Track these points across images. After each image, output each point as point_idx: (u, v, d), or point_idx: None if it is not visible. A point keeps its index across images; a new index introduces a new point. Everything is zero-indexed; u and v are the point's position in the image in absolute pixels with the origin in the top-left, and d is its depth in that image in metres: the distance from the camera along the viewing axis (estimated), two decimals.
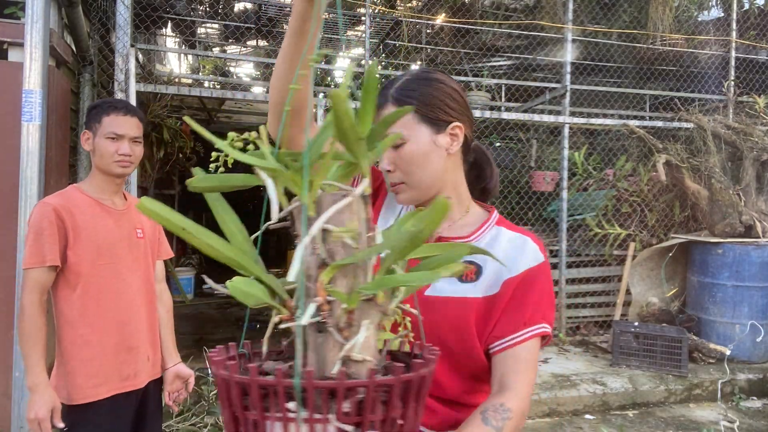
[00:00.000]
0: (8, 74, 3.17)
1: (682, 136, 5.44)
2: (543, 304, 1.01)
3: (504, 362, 0.97)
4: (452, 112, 1.04)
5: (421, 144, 1.02)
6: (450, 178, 1.07)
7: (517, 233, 1.07)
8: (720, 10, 6.39)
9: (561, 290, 5.18)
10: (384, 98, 1.05)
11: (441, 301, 1.01)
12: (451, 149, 1.05)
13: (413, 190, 1.05)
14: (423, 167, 1.03)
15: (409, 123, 1.02)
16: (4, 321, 3.10)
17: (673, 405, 4.01)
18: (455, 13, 6.44)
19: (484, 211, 1.13)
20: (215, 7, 6.32)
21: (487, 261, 1.02)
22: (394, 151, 1.03)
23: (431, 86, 1.04)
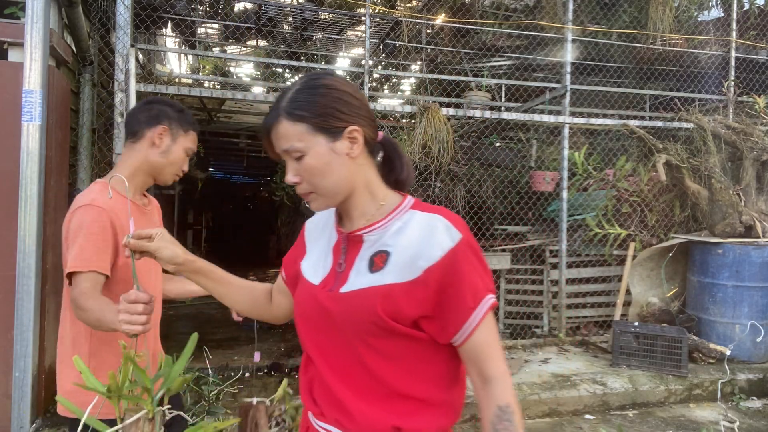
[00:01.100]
0: (8, 74, 3.17)
1: (682, 136, 5.44)
2: (476, 280, 1.03)
3: (472, 351, 1.04)
4: (346, 116, 1.05)
5: (319, 154, 1.04)
6: (360, 178, 1.09)
7: (428, 213, 1.07)
8: (720, 10, 6.38)
9: (561, 290, 5.18)
10: (276, 112, 1.05)
11: (353, 296, 1.04)
12: (352, 153, 1.06)
13: (323, 198, 1.08)
14: (326, 176, 1.05)
15: (304, 135, 1.03)
16: (4, 321, 3.10)
17: (673, 405, 4.01)
18: (455, 13, 6.44)
19: (399, 199, 1.14)
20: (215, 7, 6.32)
21: (396, 246, 1.04)
22: (298, 164, 1.05)
23: (320, 94, 1.04)
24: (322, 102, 1.04)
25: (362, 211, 1.11)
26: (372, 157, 1.13)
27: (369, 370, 1.04)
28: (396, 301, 1.01)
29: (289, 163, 1.07)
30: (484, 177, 6.04)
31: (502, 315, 5.57)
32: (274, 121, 1.05)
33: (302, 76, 1.11)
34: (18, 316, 3.01)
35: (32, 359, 3.06)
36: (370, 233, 1.09)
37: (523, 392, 3.85)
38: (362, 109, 1.08)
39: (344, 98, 1.06)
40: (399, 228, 1.07)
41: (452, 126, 4.97)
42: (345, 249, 1.11)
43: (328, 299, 1.07)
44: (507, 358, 4.51)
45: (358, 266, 1.07)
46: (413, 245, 1.03)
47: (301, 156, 1.04)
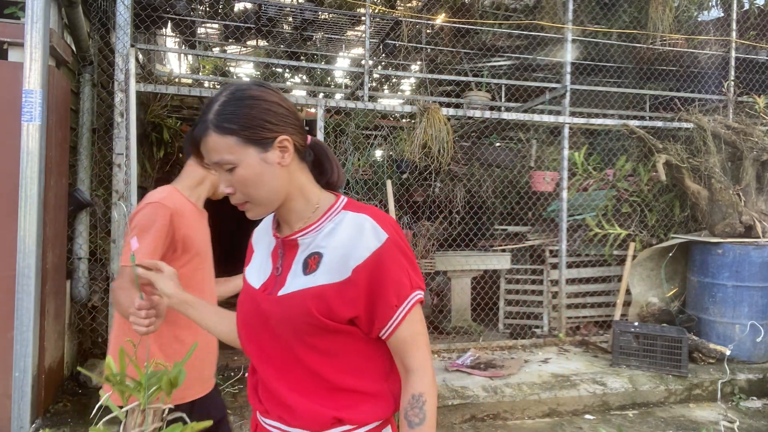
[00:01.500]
0: (8, 74, 3.17)
1: (682, 136, 5.44)
2: (402, 278, 1.07)
3: (397, 345, 1.10)
4: (275, 126, 1.06)
5: (251, 166, 1.05)
6: (294, 184, 1.12)
7: (357, 213, 1.10)
8: (720, 10, 6.38)
9: (561, 290, 5.18)
10: (204, 125, 1.06)
11: (289, 298, 1.08)
12: (284, 162, 1.08)
13: (258, 207, 1.11)
14: (259, 186, 1.07)
15: (235, 148, 1.04)
16: (4, 321, 3.10)
17: (673, 405, 4.01)
18: (455, 13, 6.44)
19: (332, 200, 1.16)
20: (215, 7, 6.32)
21: (328, 247, 1.08)
22: (230, 175, 1.06)
23: (248, 106, 1.05)
24: (250, 114, 1.05)
25: (298, 216, 1.14)
26: (304, 162, 1.15)
27: (308, 368, 1.08)
28: (328, 301, 1.05)
29: (221, 174, 1.08)
30: (484, 177, 6.04)
31: (502, 315, 5.57)
32: (203, 134, 1.06)
33: (228, 86, 1.10)
34: (18, 316, 3.01)
35: (32, 359, 3.06)
36: (304, 236, 1.12)
37: (523, 392, 3.85)
38: (290, 117, 1.09)
39: (272, 108, 1.07)
40: (331, 229, 1.10)
41: (452, 126, 4.97)
42: (282, 253, 1.15)
43: (267, 302, 1.11)
44: (507, 358, 4.51)
45: (294, 269, 1.11)
46: (343, 246, 1.06)
47: (233, 168, 1.05)
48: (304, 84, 7.67)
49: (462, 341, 4.97)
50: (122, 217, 3.85)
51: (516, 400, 3.78)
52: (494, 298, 5.47)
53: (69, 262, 3.95)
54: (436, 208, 5.94)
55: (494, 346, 4.89)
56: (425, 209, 5.90)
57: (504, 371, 4.15)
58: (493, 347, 4.87)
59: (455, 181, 6.10)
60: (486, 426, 3.65)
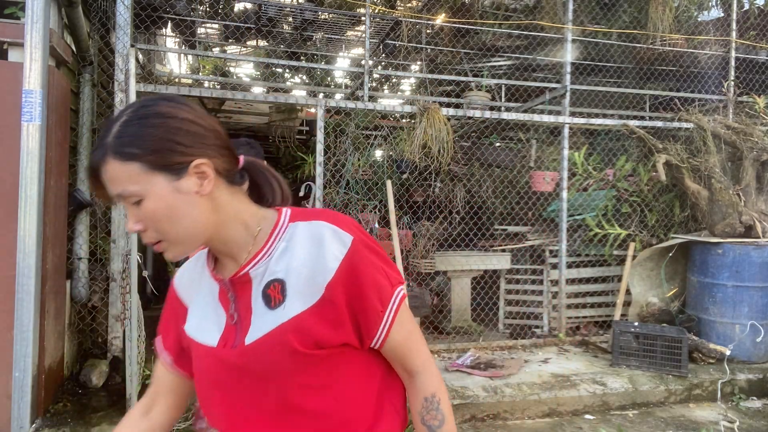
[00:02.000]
0: (8, 74, 3.17)
1: (682, 136, 5.44)
2: (380, 278, 0.95)
3: (392, 351, 1.00)
4: (189, 149, 0.88)
5: (160, 197, 0.87)
6: (225, 213, 0.95)
7: (311, 222, 0.96)
8: (720, 10, 6.38)
9: (561, 290, 5.18)
10: (102, 151, 0.87)
11: (262, 342, 0.92)
12: (203, 190, 0.90)
13: (176, 246, 0.92)
14: (174, 221, 0.89)
15: (139, 176, 0.86)
16: (4, 321, 3.10)
17: (673, 405, 4.01)
18: (455, 13, 6.44)
19: (275, 215, 1.00)
20: (215, 7, 6.32)
21: (289, 270, 0.93)
22: (138, 209, 0.88)
23: (154, 126, 0.87)
24: (156, 135, 0.86)
25: (240, 246, 0.97)
26: (236, 185, 0.98)
27: (309, 413, 0.94)
28: (310, 331, 0.91)
29: (128, 208, 0.90)
30: (484, 177, 6.04)
31: (502, 315, 5.57)
32: (100, 160, 0.87)
33: (132, 104, 0.93)
34: (18, 316, 3.01)
35: (32, 359, 3.06)
36: (256, 267, 0.95)
37: (523, 392, 3.85)
38: (210, 136, 0.92)
39: (184, 127, 0.89)
40: (284, 248, 0.95)
41: (452, 126, 4.97)
42: (233, 296, 0.97)
43: (235, 356, 0.93)
44: (507, 358, 4.51)
45: (256, 308, 0.95)
46: (306, 263, 0.92)
47: (139, 200, 0.87)
48: (304, 84, 7.67)
49: (462, 341, 4.97)
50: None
51: (516, 400, 3.78)
52: (494, 298, 5.47)
53: (69, 262, 3.96)
54: (436, 208, 5.94)
55: (494, 346, 4.89)
56: (425, 209, 5.90)
57: (504, 371, 4.15)
58: (493, 347, 4.87)
59: (455, 181, 6.10)
60: (486, 426, 3.65)
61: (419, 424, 1.01)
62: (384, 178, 4.93)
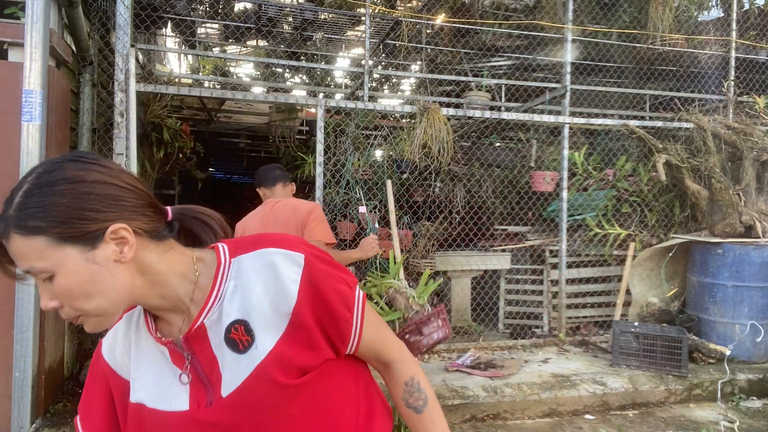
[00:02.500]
0: (8, 74, 3.17)
1: (682, 136, 5.44)
2: (339, 285, 0.94)
3: (367, 350, 1.02)
4: (103, 214, 0.80)
5: (73, 272, 0.79)
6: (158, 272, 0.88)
7: (256, 252, 0.91)
8: (720, 10, 6.38)
9: (561, 290, 5.18)
10: (4, 224, 0.78)
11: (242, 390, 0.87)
12: (125, 257, 0.82)
13: (97, 318, 0.84)
14: (91, 295, 0.81)
15: (46, 251, 0.78)
16: (4, 321, 3.10)
17: (673, 405, 4.01)
18: (455, 13, 6.44)
19: (212, 255, 0.94)
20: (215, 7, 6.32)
21: (249, 309, 0.89)
22: (51, 285, 0.80)
23: (59, 193, 0.78)
24: (62, 203, 0.78)
25: (182, 298, 0.90)
26: (163, 239, 0.89)
27: None
28: (291, 360, 0.88)
29: (40, 285, 0.81)
30: (484, 177, 6.04)
31: (502, 315, 5.57)
32: (2, 235, 0.79)
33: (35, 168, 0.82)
34: (18, 316, 3.01)
35: (32, 359, 3.06)
36: (209, 315, 0.89)
37: (523, 392, 3.85)
38: (126, 197, 0.83)
39: (96, 191, 0.80)
40: (234, 287, 0.90)
41: (452, 126, 4.97)
42: (189, 354, 0.90)
43: (215, 413, 0.87)
44: (507, 358, 4.51)
45: (222, 357, 0.89)
46: (264, 295, 0.89)
47: (51, 276, 0.79)
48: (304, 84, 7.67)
49: (462, 341, 4.97)
50: None
51: (516, 400, 3.78)
52: (494, 298, 5.47)
53: None
54: (436, 208, 5.94)
55: (494, 346, 4.89)
56: (425, 209, 5.90)
57: (504, 371, 4.15)
58: (493, 347, 4.87)
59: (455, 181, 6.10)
60: (486, 426, 3.65)
61: (404, 408, 1.05)
62: (384, 178, 4.93)
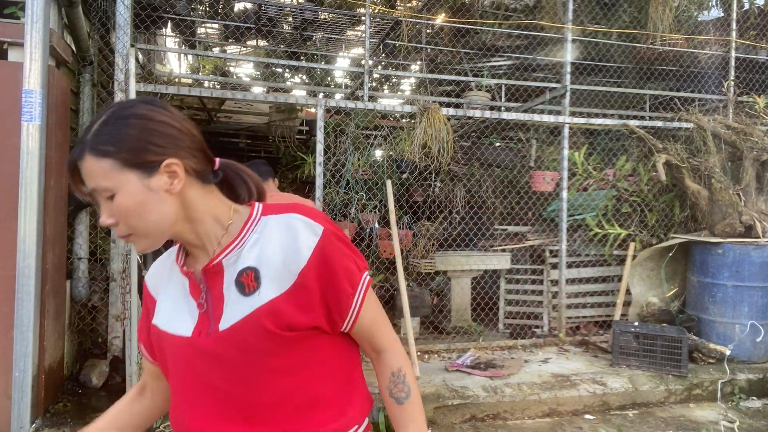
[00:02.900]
0: (8, 74, 3.17)
1: (682, 136, 5.44)
2: (349, 264, 1.02)
3: (362, 332, 1.07)
4: (162, 149, 0.94)
5: (131, 193, 0.93)
6: (197, 210, 1.00)
7: (283, 215, 1.03)
8: (720, 10, 6.38)
9: (561, 290, 5.18)
10: (81, 148, 0.94)
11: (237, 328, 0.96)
12: (173, 189, 0.96)
13: (145, 239, 0.98)
14: (143, 216, 0.95)
15: (112, 173, 0.92)
16: (4, 321, 3.10)
17: (673, 405, 4.01)
18: (455, 13, 6.44)
19: (247, 210, 1.07)
20: (215, 7, 6.32)
21: (262, 259, 0.99)
22: (111, 203, 0.94)
23: (130, 126, 0.93)
24: (132, 134, 0.93)
25: (212, 238, 1.02)
26: (208, 183, 1.03)
27: (280, 395, 0.99)
28: (284, 314, 0.96)
29: (101, 203, 0.95)
30: (484, 177, 6.04)
31: (502, 315, 5.57)
32: (79, 157, 0.93)
33: (112, 105, 0.98)
34: (18, 316, 3.01)
35: (32, 359, 3.06)
36: (228, 256, 1.00)
37: (523, 392, 3.85)
38: (183, 139, 0.98)
39: (159, 129, 0.95)
40: (256, 239, 1.01)
41: (452, 126, 4.97)
42: (205, 287, 1.02)
43: (210, 344, 0.98)
44: (507, 358, 4.51)
45: (228, 296, 0.99)
46: (278, 252, 0.98)
47: (112, 195, 0.93)
48: (304, 84, 7.67)
49: (462, 341, 4.97)
50: None
51: (516, 400, 3.78)
52: (494, 298, 5.47)
53: (69, 262, 3.95)
54: (436, 208, 5.94)
55: (494, 346, 4.89)
56: (425, 209, 5.90)
57: (504, 371, 4.15)
58: (493, 347, 4.87)
59: (455, 181, 6.11)
60: (486, 426, 3.65)
61: (387, 397, 1.09)
62: (384, 178, 4.93)
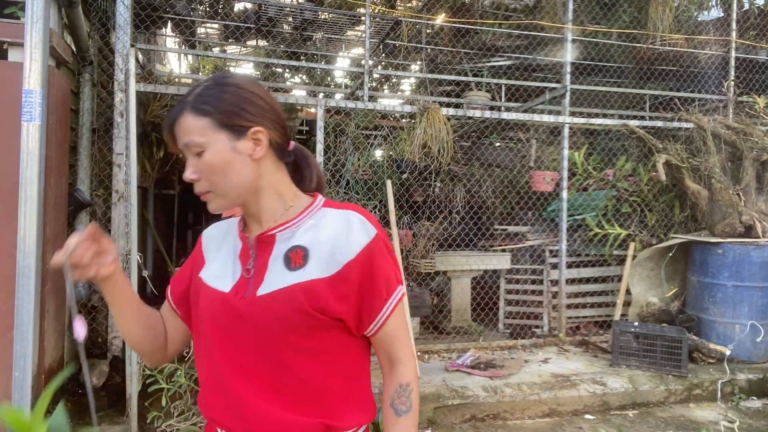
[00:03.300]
0: (8, 74, 3.16)
1: (682, 136, 5.44)
2: (390, 272, 1.07)
3: (384, 339, 1.10)
4: (251, 117, 1.04)
5: (220, 152, 1.02)
6: (267, 181, 1.08)
7: (342, 210, 1.09)
8: (720, 10, 6.38)
9: (561, 290, 5.18)
10: (181, 106, 1.04)
11: (274, 296, 1.02)
12: (255, 154, 1.05)
13: (221, 198, 1.05)
14: (226, 175, 1.03)
15: (206, 130, 1.01)
16: (4, 321, 3.10)
17: (673, 405, 4.01)
18: (455, 13, 6.44)
19: (309, 200, 1.14)
20: (215, 7, 6.32)
21: (314, 243, 1.05)
22: (198, 160, 1.03)
23: (228, 92, 1.04)
24: (228, 99, 1.03)
25: (270, 214, 1.10)
26: (281, 161, 1.12)
27: (294, 373, 1.02)
28: (320, 296, 1.01)
29: (190, 158, 1.04)
30: (484, 177, 6.04)
31: (502, 315, 5.57)
32: (178, 114, 1.04)
33: (213, 74, 1.09)
34: (18, 316, 3.01)
35: (32, 359, 3.06)
36: (283, 231, 1.08)
37: (523, 392, 3.85)
38: (270, 112, 1.07)
39: (252, 99, 1.05)
40: (312, 225, 1.07)
41: (452, 126, 4.97)
42: (254, 253, 1.09)
43: (244, 305, 1.03)
44: (507, 358, 4.51)
45: (273, 267, 1.05)
46: (330, 240, 1.05)
47: (201, 152, 1.02)
48: (304, 84, 7.67)
49: (462, 341, 4.97)
50: (122, 217, 3.85)
51: (516, 400, 3.78)
52: (494, 298, 5.47)
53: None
54: (436, 208, 5.94)
55: (494, 346, 4.89)
56: (425, 209, 5.90)
57: (504, 371, 4.15)
58: (493, 347, 4.87)
59: (455, 181, 6.11)
60: (486, 426, 3.65)
61: (388, 406, 1.10)
62: (384, 178, 4.93)
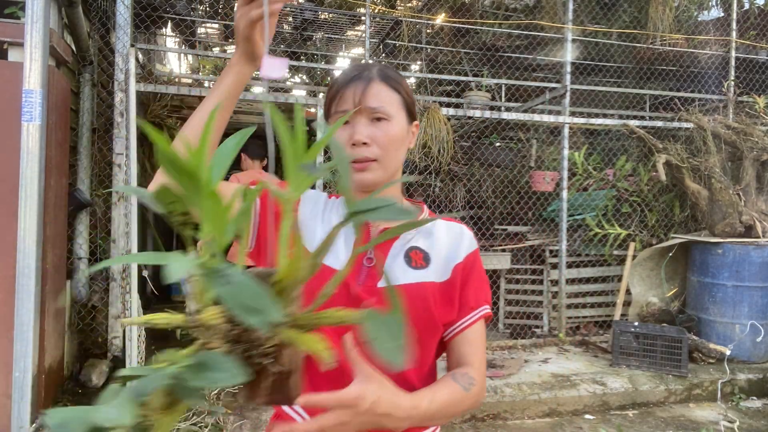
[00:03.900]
0: (8, 74, 3.16)
1: (682, 136, 5.44)
2: (483, 287, 1.08)
3: (459, 345, 1.05)
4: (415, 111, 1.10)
5: (400, 127, 1.04)
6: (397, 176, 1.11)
7: (452, 222, 1.12)
8: (720, 10, 6.38)
9: (561, 290, 5.18)
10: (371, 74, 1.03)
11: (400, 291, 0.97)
12: (411, 143, 1.10)
13: (382, 171, 1.03)
14: (398, 149, 1.05)
15: (395, 105, 1.04)
16: (4, 321, 3.10)
17: (673, 405, 4.01)
18: (455, 13, 6.44)
19: (418, 208, 1.16)
20: (215, 7, 6.32)
21: (432, 247, 1.06)
22: (374, 126, 1.02)
23: (406, 81, 1.09)
24: (408, 88, 1.08)
25: None
26: None
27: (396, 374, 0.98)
28: (437, 300, 1.01)
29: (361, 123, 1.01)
30: (484, 177, 6.04)
31: (502, 315, 5.57)
32: (372, 79, 1.03)
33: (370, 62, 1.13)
34: (18, 316, 3.01)
35: (32, 359, 3.06)
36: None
37: (523, 392, 3.85)
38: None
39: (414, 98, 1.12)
40: (428, 230, 1.08)
41: (452, 126, 4.96)
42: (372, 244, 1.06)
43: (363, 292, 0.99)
44: (507, 358, 4.51)
45: (390, 264, 1.03)
46: (445, 247, 1.06)
47: (383, 120, 1.02)
48: (304, 84, 7.67)
49: None
50: (122, 217, 3.85)
51: (516, 400, 3.78)
52: (494, 298, 5.47)
53: (69, 262, 3.95)
54: (436, 208, 5.93)
55: (494, 346, 4.89)
56: None
57: (504, 371, 4.15)
58: (493, 347, 4.87)
59: (455, 181, 6.10)
60: (486, 426, 3.65)
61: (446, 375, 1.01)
62: None
